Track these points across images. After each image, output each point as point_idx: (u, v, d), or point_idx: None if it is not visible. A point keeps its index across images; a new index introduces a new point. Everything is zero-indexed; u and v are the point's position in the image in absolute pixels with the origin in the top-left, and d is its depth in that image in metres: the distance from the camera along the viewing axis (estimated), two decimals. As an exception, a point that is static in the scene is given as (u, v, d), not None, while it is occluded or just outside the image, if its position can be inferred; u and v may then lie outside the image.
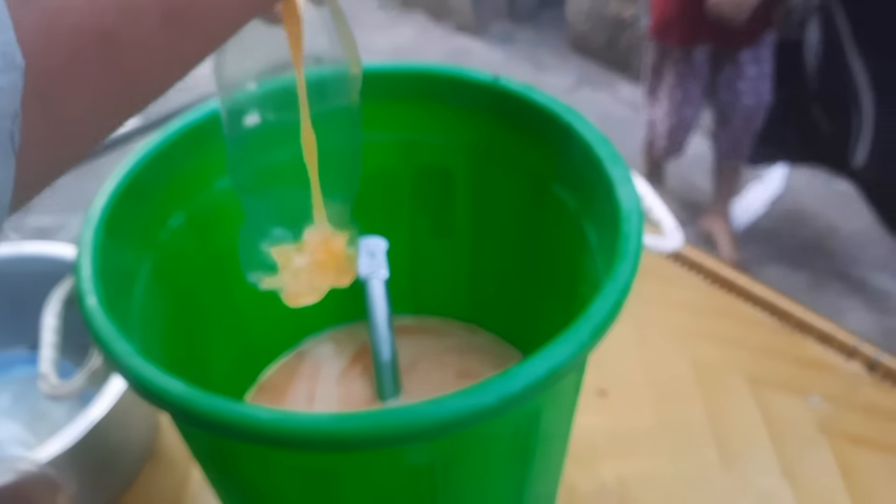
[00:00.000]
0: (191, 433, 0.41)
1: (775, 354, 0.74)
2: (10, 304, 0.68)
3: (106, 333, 0.36)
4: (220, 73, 0.36)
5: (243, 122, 0.37)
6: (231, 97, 0.36)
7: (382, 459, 0.36)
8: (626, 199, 0.42)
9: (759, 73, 1.42)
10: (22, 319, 0.67)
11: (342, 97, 0.37)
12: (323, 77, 0.36)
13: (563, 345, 0.34)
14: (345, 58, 0.36)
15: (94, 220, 0.42)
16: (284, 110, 0.36)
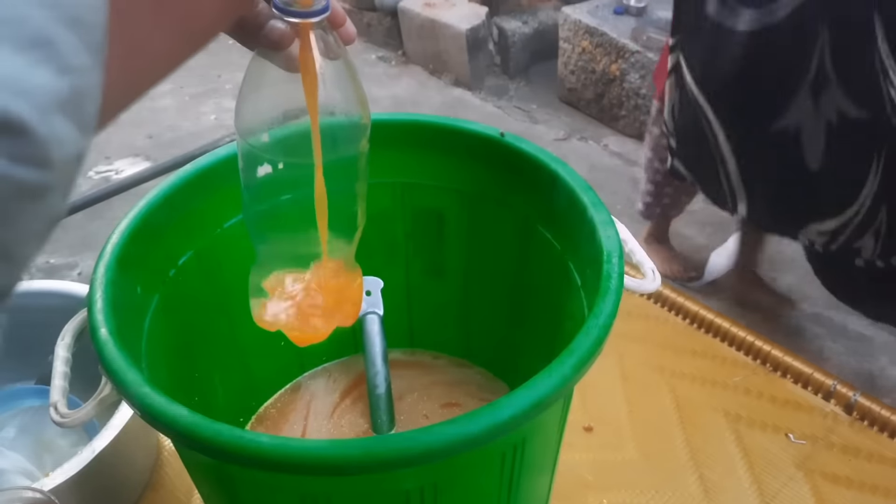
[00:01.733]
0: (193, 459, 0.43)
1: (755, 394, 0.76)
2: (19, 339, 0.70)
3: (116, 364, 0.39)
4: (239, 119, 0.39)
5: (259, 165, 0.40)
6: (248, 142, 0.39)
7: (376, 484, 0.38)
8: (607, 242, 0.45)
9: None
10: (30, 354, 0.69)
11: (352, 145, 0.40)
12: (335, 126, 0.39)
13: (548, 378, 0.37)
14: (356, 109, 0.39)
15: (108, 257, 0.45)
16: (298, 156, 0.39)
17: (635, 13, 2.35)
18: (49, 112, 0.17)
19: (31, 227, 0.18)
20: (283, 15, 0.35)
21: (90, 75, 0.18)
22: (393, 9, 2.78)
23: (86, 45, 0.18)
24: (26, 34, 0.16)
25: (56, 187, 0.18)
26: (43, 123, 0.17)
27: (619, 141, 2.28)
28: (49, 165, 0.17)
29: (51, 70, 0.17)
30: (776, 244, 1.73)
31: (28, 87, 0.16)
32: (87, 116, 0.18)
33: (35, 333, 0.70)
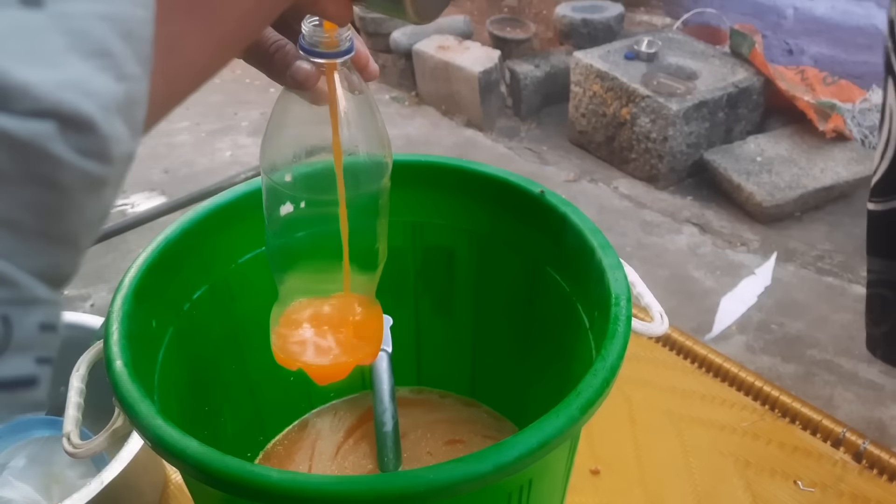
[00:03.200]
0: (202, 491, 0.44)
1: (763, 440, 0.76)
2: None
3: (130, 395, 0.39)
4: (264, 156, 0.40)
5: (282, 203, 0.41)
6: (272, 179, 0.40)
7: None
8: (615, 284, 0.46)
9: None
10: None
11: (375, 182, 0.41)
12: (358, 163, 0.40)
13: (555, 418, 0.37)
14: (378, 146, 0.40)
15: (125, 290, 0.46)
16: (321, 193, 0.40)
17: (646, 59, 2.38)
18: (110, 113, 0.19)
19: (92, 217, 0.20)
20: (308, 56, 0.36)
21: (140, 83, 0.20)
22: (407, 51, 2.83)
23: (137, 56, 0.20)
24: (90, 45, 0.18)
25: (113, 182, 0.20)
26: (106, 122, 0.18)
27: (629, 183, 2.29)
28: (110, 161, 0.19)
29: (110, 77, 0.19)
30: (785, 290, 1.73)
31: (94, 90, 0.18)
32: (137, 121, 0.20)
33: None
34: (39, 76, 0.17)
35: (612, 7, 2.85)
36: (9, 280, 0.18)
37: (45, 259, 0.19)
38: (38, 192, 0.18)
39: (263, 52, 0.37)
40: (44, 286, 0.19)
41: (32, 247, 0.18)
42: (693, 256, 1.82)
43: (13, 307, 0.18)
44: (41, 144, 0.17)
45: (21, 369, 0.18)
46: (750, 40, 2.36)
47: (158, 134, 2.62)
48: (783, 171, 2.14)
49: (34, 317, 0.19)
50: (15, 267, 0.18)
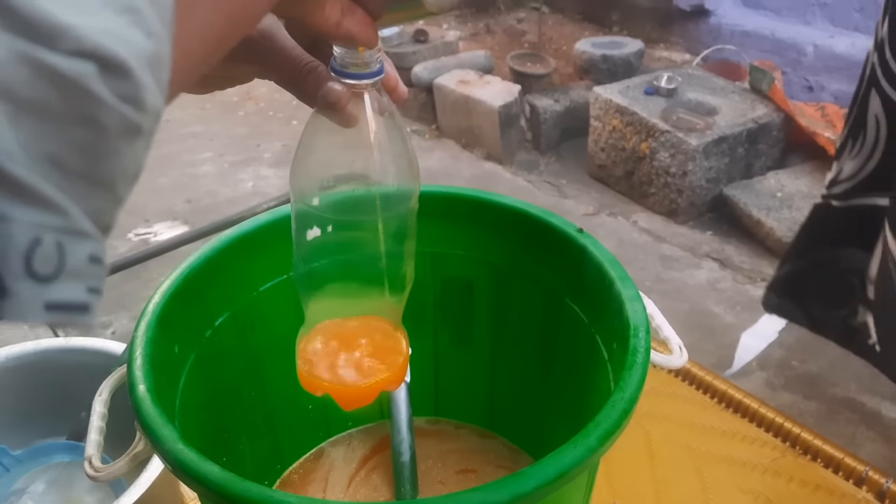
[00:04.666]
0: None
1: (785, 477, 0.75)
2: (53, 395, 0.72)
3: (153, 420, 0.40)
4: (294, 178, 0.40)
5: (309, 227, 0.41)
6: (302, 201, 0.41)
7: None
8: (634, 316, 0.46)
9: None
10: (63, 410, 0.71)
11: (403, 204, 0.41)
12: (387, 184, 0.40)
13: (573, 449, 0.37)
14: (407, 168, 0.41)
15: (149, 316, 0.46)
16: (350, 214, 0.41)
17: (665, 94, 2.39)
18: (143, 63, 0.20)
19: (127, 165, 0.21)
20: (340, 77, 0.37)
21: (166, 44, 0.21)
22: (428, 85, 2.86)
23: (161, 18, 0.21)
24: (122, 3, 0.20)
25: (146, 132, 0.21)
26: (140, 70, 0.20)
27: (649, 218, 2.29)
28: (144, 109, 0.20)
29: (140, 32, 0.20)
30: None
31: (129, 39, 0.19)
32: (163, 80, 0.21)
33: (68, 390, 0.71)
34: (81, 21, 0.18)
35: (631, 43, 2.87)
36: (63, 209, 0.19)
37: (89, 201, 0.20)
38: (81, 131, 0.19)
39: (296, 73, 0.38)
40: (90, 223, 0.20)
41: (78, 186, 0.19)
42: (713, 291, 1.81)
43: (66, 236, 0.19)
44: (84, 83, 0.18)
45: (75, 295, 0.20)
46: (770, 77, 2.36)
47: (182, 164, 2.66)
48: (803, 207, 2.13)
49: (84, 247, 0.20)
50: (67, 198, 0.19)
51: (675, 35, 3.17)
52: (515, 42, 3.34)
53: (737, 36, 2.92)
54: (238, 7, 0.27)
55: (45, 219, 0.19)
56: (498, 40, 3.39)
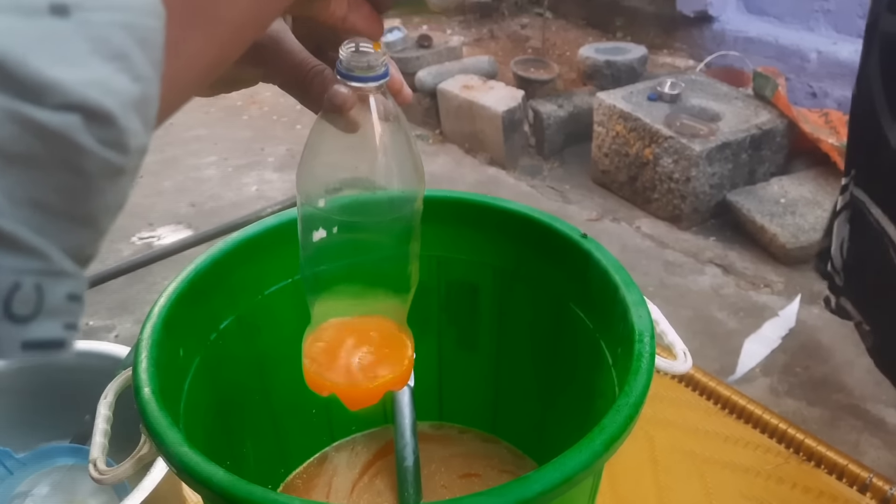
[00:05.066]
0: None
1: (788, 483, 0.75)
2: (56, 398, 0.72)
3: (158, 423, 0.40)
4: (300, 180, 0.40)
5: (315, 229, 0.41)
6: (308, 202, 0.41)
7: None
8: (639, 321, 0.46)
9: None
10: (66, 413, 0.71)
11: (408, 205, 0.41)
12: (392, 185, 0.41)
13: (578, 454, 0.37)
14: (411, 169, 0.41)
15: (155, 319, 0.47)
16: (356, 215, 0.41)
17: (669, 100, 2.39)
18: (128, 109, 0.21)
19: (111, 202, 0.22)
20: (345, 80, 0.37)
21: (153, 84, 0.22)
22: (432, 90, 2.86)
23: (150, 60, 0.22)
24: (110, 50, 0.20)
25: (129, 171, 0.22)
26: (124, 117, 0.21)
27: (652, 223, 2.29)
28: (127, 151, 0.21)
29: (127, 77, 0.21)
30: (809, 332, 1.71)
31: (114, 88, 0.20)
32: (150, 117, 0.22)
33: (71, 393, 0.71)
34: (68, 75, 0.19)
35: (635, 49, 2.87)
36: (42, 253, 0.20)
37: (70, 238, 0.21)
38: (65, 177, 0.20)
39: (302, 76, 0.39)
40: (70, 261, 0.21)
41: (60, 226, 0.20)
42: (716, 297, 1.81)
43: (46, 277, 0.20)
44: (69, 134, 0.19)
45: (52, 332, 0.21)
46: (773, 83, 2.36)
47: (186, 168, 2.67)
48: (807, 213, 2.13)
49: (63, 287, 0.21)
50: (47, 242, 0.20)
51: (679, 41, 3.17)
52: (519, 48, 3.35)
53: (740, 42, 2.92)
54: (230, 35, 0.27)
55: (25, 264, 0.20)
56: (502, 46, 3.40)
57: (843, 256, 1.14)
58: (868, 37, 1.00)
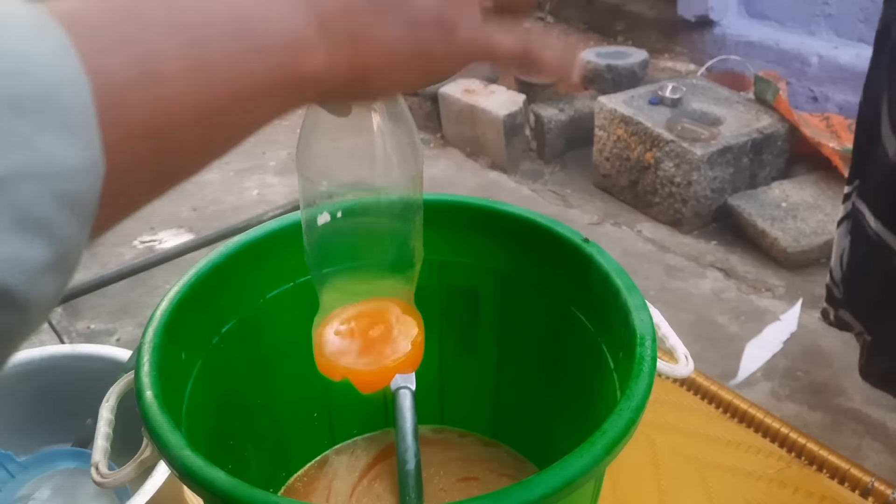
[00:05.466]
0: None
1: (790, 488, 0.74)
2: (58, 401, 0.72)
3: (160, 426, 0.40)
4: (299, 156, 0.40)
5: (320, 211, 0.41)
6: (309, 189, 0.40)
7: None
8: (640, 325, 0.46)
9: None
10: (68, 417, 0.71)
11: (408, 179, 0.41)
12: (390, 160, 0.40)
13: (579, 457, 0.37)
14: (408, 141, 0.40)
15: (157, 322, 0.47)
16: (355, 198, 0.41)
17: (670, 104, 2.40)
18: (36, 276, 0.20)
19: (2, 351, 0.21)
20: None
21: (76, 239, 0.21)
22: (433, 94, 2.86)
23: (77, 218, 0.21)
24: (30, 220, 0.20)
25: (29, 327, 0.21)
26: (26, 289, 0.20)
27: (653, 227, 2.29)
28: (28, 313, 0.21)
29: (44, 244, 0.20)
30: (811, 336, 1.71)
31: (23, 262, 0.20)
32: (70, 267, 0.22)
33: (73, 397, 0.71)
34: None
35: (636, 53, 2.88)
36: None
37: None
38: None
39: None
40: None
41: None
42: (717, 301, 1.81)
43: None
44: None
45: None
46: (774, 87, 2.37)
47: (188, 172, 2.66)
48: (808, 217, 2.13)
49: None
50: None
51: (680, 45, 3.17)
52: (520, 52, 3.35)
53: (741, 46, 2.92)
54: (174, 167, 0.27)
55: None
56: (503, 50, 3.39)
57: (843, 268, 1.14)
58: (878, 45, 0.99)
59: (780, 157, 2.36)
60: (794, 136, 2.34)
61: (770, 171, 2.35)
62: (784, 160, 2.38)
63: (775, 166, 2.36)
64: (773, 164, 2.35)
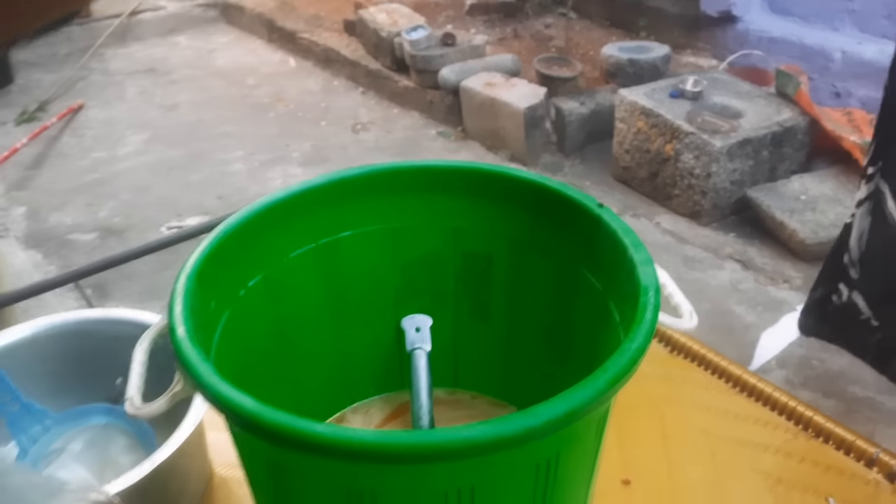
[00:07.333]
0: (252, 451, 0.47)
1: (797, 458, 0.76)
2: (92, 362, 0.75)
3: (191, 357, 0.43)
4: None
5: None
6: None
7: (417, 480, 0.41)
8: (645, 278, 0.48)
9: None
10: (100, 377, 0.74)
11: None
12: None
13: (582, 390, 0.40)
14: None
15: (188, 270, 0.50)
16: None
17: (691, 97, 2.40)
18: None
19: None
20: None
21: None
22: (455, 87, 2.89)
23: None
24: None
25: None
26: None
27: (672, 219, 2.30)
28: None
29: None
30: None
31: None
32: None
33: (105, 358, 0.75)
34: None
35: (658, 48, 2.89)
36: None
37: None
38: None
39: None
40: None
41: None
42: (734, 292, 1.82)
43: None
44: None
45: None
46: (795, 80, 2.37)
47: (214, 162, 2.72)
48: (827, 210, 2.13)
49: None
50: None
51: (703, 41, 3.18)
52: (543, 47, 3.37)
53: (764, 42, 2.92)
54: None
55: None
56: (525, 45, 3.42)
57: (862, 248, 1.15)
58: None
59: (801, 151, 2.37)
60: (814, 129, 2.35)
61: (790, 164, 2.35)
62: (804, 154, 2.38)
63: (795, 160, 2.36)
64: (793, 157, 2.35)
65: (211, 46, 3.82)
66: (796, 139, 2.33)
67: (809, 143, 2.37)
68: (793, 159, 2.36)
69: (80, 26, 3.71)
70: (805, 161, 2.40)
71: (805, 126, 2.33)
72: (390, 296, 0.66)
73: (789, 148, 2.33)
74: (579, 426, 0.43)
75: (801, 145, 2.35)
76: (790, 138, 2.31)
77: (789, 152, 2.33)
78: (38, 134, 2.89)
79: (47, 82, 3.28)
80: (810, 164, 2.41)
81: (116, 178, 2.63)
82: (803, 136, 2.34)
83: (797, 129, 2.32)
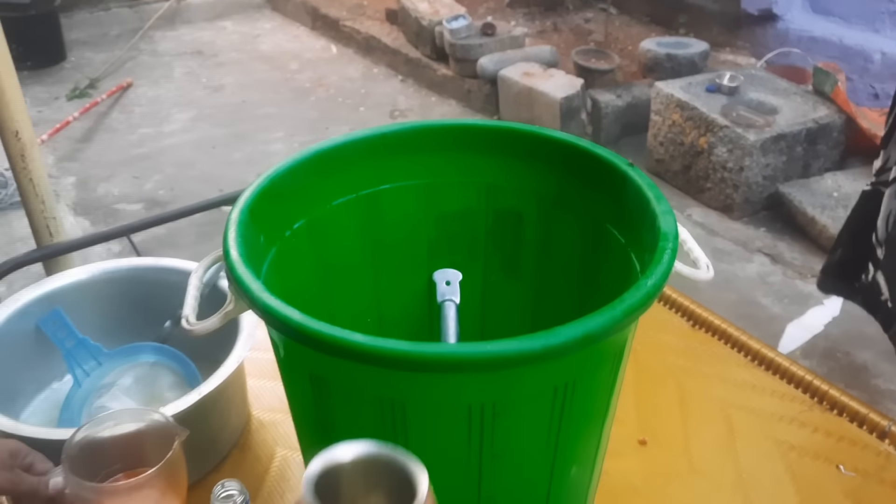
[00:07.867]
0: (295, 362, 0.51)
1: (810, 427, 0.79)
2: (142, 306, 0.80)
3: (244, 276, 0.47)
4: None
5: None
6: None
7: (443, 394, 0.45)
8: (665, 227, 0.51)
9: None
10: (150, 320, 0.79)
11: None
12: None
13: (599, 316, 0.43)
14: None
15: (241, 205, 0.54)
16: None
17: (727, 92, 2.41)
18: None
19: None
20: None
21: None
22: (493, 77, 2.92)
23: None
24: None
25: None
26: None
27: (703, 212, 2.31)
28: None
29: None
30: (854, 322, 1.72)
31: None
32: None
33: (155, 301, 0.80)
34: None
35: (697, 44, 2.89)
36: None
37: None
38: None
39: None
40: None
41: None
42: (762, 284, 1.83)
43: None
44: None
45: None
46: (833, 78, 2.36)
47: (255, 142, 2.78)
48: (861, 209, 2.13)
49: None
50: None
51: (742, 39, 3.17)
52: (581, 41, 3.38)
53: (804, 41, 2.91)
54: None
55: None
56: (564, 38, 3.43)
57: (889, 229, 1.16)
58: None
59: (835, 149, 2.36)
60: (850, 128, 2.34)
61: (824, 161, 2.35)
62: (839, 152, 2.38)
63: (829, 157, 2.36)
64: (828, 154, 2.35)
65: (256, 32, 3.89)
66: (831, 137, 2.33)
67: (845, 141, 2.37)
68: (827, 157, 2.35)
69: (131, 8, 3.81)
70: (839, 159, 2.39)
71: (841, 124, 2.32)
72: (424, 249, 0.69)
73: (824, 145, 2.32)
74: (595, 355, 0.46)
75: (835, 143, 2.35)
76: (825, 136, 2.31)
77: (824, 149, 2.33)
78: (89, 109, 2.99)
79: (98, 61, 3.38)
80: (845, 163, 2.40)
81: (162, 153, 2.70)
82: (838, 134, 2.34)
83: (832, 127, 2.32)
